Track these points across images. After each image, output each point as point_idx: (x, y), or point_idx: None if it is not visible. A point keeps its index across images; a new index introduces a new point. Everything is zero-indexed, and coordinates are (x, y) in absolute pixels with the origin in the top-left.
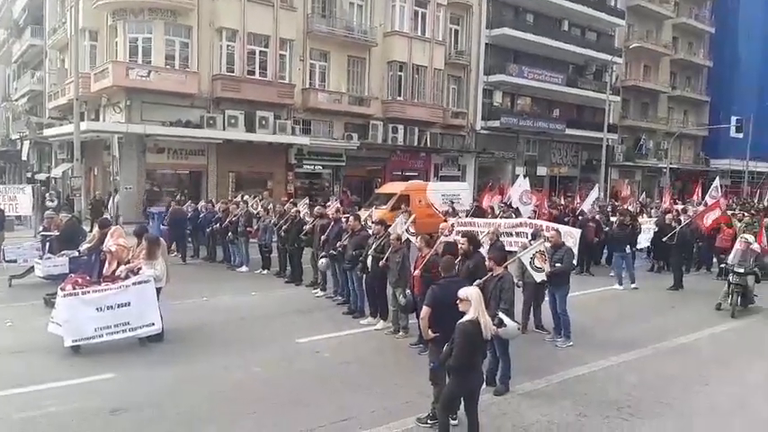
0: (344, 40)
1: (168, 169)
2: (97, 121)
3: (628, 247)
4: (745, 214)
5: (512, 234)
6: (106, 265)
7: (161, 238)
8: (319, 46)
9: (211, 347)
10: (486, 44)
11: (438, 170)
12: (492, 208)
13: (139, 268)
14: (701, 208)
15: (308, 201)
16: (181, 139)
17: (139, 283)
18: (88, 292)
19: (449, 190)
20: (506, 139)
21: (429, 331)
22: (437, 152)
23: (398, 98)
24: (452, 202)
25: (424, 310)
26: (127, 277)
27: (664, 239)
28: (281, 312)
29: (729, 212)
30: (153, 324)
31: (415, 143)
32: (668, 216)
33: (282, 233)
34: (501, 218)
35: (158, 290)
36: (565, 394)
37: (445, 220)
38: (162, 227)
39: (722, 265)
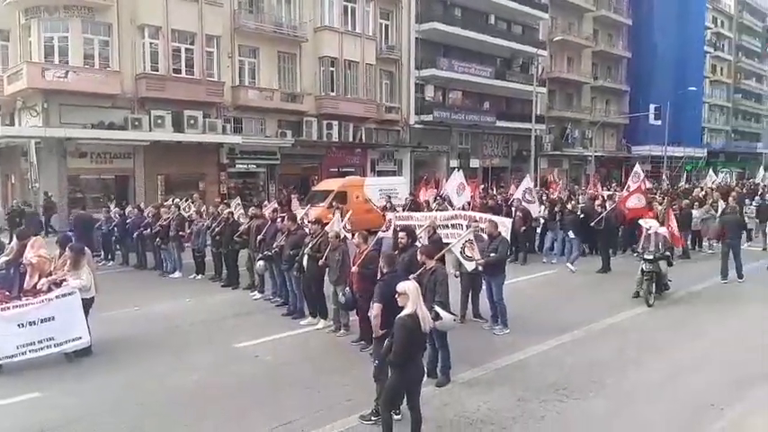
0: (273, 36)
1: (92, 174)
2: (12, 125)
3: (571, 232)
4: (665, 197)
5: (447, 226)
6: (27, 278)
7: (86, 248)
8: (248, 42)
9: (145, 358)
10: (417, 39)
11: (374, 165)
12: (428, 201)
13: (63, 280)
14: (625, 193)
15: (239, 201)
16: (104, 141)
17: (63, 295)
18: (8, 308)
19: (386, 185)
20: (440, 133)
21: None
22: (372, 147)
23: (331, 94)
24: (389, 197)
25: (376, 307)
26: (49, 290)
27: (592, 224)
28: (217, 317)
29: (650, 196)
30: (80, 338)
31: (351, 139)
32: (597, 202)
33: (216, 236)
34: (436, 211)
35: (89, 300)
36: (503, 380)
37: (383, 216)
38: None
39: (634, 254)
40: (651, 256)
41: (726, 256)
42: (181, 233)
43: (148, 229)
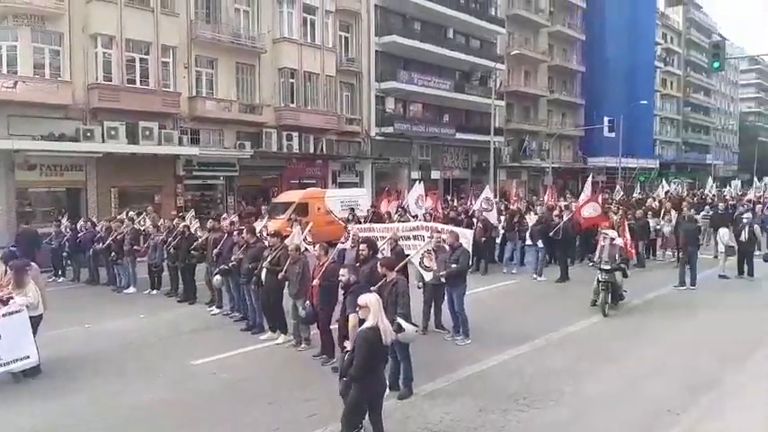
0: (231, 47)
1: (42, 187)
2: None
3: (540, 241)
4: (620, 207)
5: (410, 238)
6: None
7: (32, 263)
8: (205, 53)
9: (97, 377)
10: (377, 51)
11: (336, 177)
12: (389, 213)
13: (9, 297)
14: (581, 203)
15: (194, 213)
16: (55, 153)
17: (10, 313)
18: None
19: (347, 196)
20: (401, 145)
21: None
22: (333, 159)
23: (291, 105)
24: (352, 209)
25: (354, 318)
26: None
27: (550, 234)
28: (173, 334)
29: (606, 206)
30: (28, 357)
31: (311, 150)
32: (554, 213)
33: (172, 249)
34: (398, 222)
35: (37, 318)
36: (465, 391)
37: (345, 227)
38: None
39: (589, 264)
40: (608, 267)
41: (684, 263)
42: (135, 247)
43: (101, 243)
